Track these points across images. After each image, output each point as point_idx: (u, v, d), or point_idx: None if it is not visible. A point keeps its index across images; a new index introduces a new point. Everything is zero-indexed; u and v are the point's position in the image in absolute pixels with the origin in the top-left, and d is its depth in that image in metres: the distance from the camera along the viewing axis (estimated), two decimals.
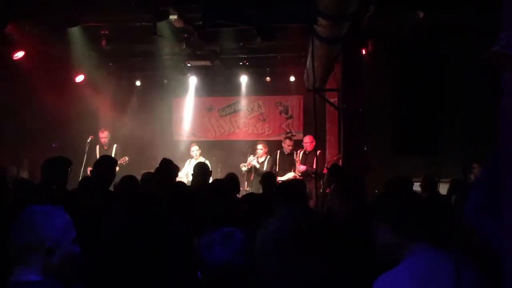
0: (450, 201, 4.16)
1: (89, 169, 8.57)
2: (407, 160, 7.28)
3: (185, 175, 8.63)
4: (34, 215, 1.69)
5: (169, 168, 4.92)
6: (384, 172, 7.74)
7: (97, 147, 9.01)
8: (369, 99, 6.97)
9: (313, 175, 7.94)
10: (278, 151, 8.84)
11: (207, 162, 8.75)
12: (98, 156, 8.67)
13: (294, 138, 11.06)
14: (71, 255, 1.71)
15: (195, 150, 9.08)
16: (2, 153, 8.58)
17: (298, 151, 8.55)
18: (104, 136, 9.02)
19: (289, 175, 8.35)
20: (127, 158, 8.46)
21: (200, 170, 5.24)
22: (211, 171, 5.50)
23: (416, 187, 5.90)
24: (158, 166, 4.94)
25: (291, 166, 8.54)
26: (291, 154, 8.66)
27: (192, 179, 5.27)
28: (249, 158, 8.84)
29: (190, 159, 9.05)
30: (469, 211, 1.74)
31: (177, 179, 5.64)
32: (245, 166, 8.78)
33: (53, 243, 1.66)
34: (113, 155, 8.43)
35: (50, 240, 1.65)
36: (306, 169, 8.18)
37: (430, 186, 5.47)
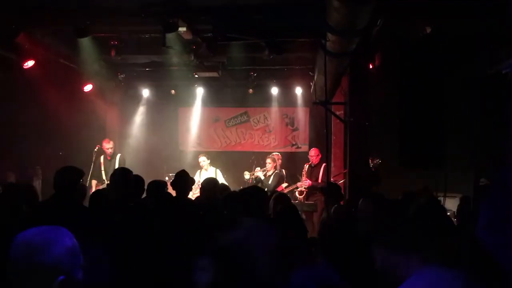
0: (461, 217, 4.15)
1: (94, 182, 8.60)
2: (412, 172, 7.32)
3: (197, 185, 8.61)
4: (41, 238, 1.55)
5: (184, 179, 4.94)
6: (390, 185, 7.75)
7: (102, 157, 8.96)
8: (375, 112, 7.00)
9: (319, 190, 7.94)
10: (308, 164, 8.69)
11: (218, 171, 8.79)
12: (102, 166, 8.77)
13: (299, 150, 11.13)
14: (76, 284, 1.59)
15: (203, 161, 9.03)
16: (10, 160, 8.64)
17: (304, 165, 8.52)
18: (109, 146, 8.95)
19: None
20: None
21: (209, 187, 5.23)
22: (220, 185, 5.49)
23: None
24: (174, 176, 4.99)
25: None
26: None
27: (201, 194, 5.27)
28: (256, 170, 8.79)
29: (199, 170, 9.01)
30: (480, 230, 1.71)
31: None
32: (248, 174, 8.71)
33: (65, 274, 1.54)
34: (116, 165, 8.48)
35: (63, 272, 1.53)
36: (312, 184, 8.16)
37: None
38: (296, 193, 8.28)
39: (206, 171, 8.86)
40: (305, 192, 8.15)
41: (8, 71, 8.40)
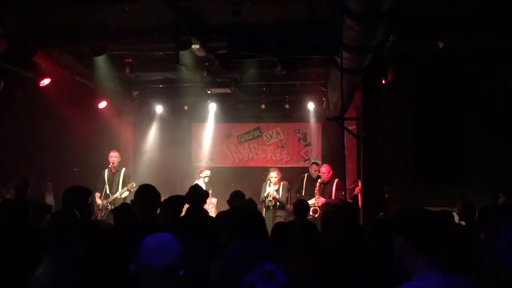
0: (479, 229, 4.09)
1: (97, 194, 8.31)
2: (427, 188, 7.26)
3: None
4: (164, 242, 1.92)
5: (198, 192, 4.98)
6: (403, 201, 7.70)
7: (106, 171, 8.53)
8: (388, 127, 6.99)
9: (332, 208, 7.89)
10: (306, 175, 8.77)
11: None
12: (106, 180, 8.44)
13: None
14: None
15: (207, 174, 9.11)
16: (27, 175, 8.74)
17: (317, 182, 8.46)
18: (114, 155, 8.56)
19: (312, 201, 8.28)
20: (134, 184, 8.15)
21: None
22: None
23: None
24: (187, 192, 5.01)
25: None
26: (317, 179, 8.60)
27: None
28: (266, 188, 8.76)
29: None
30: (500, 250, 1.71)
31: None
32: (271, 201, 8.51)
33: (184, 270, 1.91)
34: (121, 179, 8.40)
35: (182, 267, 1.90)
36: (326, 201, 8.12)
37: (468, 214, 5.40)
38: (310, 211, 8.24)
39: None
40: (319, 210, 8.10)
41: (25, 89, 8.57)
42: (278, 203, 8.47)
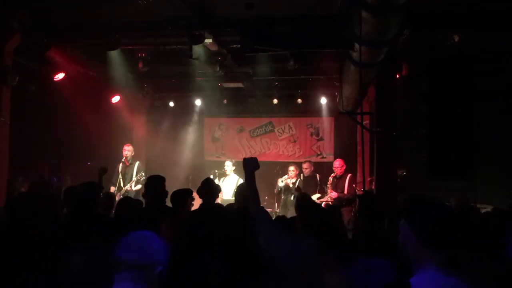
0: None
1: (112, 189, 8.32)
2: (440, 184, 7.21)
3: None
4: (143, 239, 1.91)
5: (210, 186, 4.96)
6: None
7: (120, 164, 8.55)
8: (401, 122, 6.93)
9: (346, 201, 7.88)
10: (301, 175, 8.73)
11: (240, 180, 8.76)
12: (120, 173, 8.47)
13: (325, 160, 11.06)
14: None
15: (227, 165, 8.97)
16: (41, 169, 8.82)
17: (329, 177, 8.42)
18: (128, 149, 8.59)
19: (314, 197, 8.24)
20: (143, 174, 8.20)
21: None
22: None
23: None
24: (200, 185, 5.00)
25: (315, 188, 8.44)
26: (313, 176, 8.57)
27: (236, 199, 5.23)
28: (283, 177, 8.74)
29: (223, 177, 9.00)
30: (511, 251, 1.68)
31: None
32: (282, 181, 8.60)
33: (163, 267, 1.89)
34: (134, 172, 8.40)
35: (162, 264, 1.88)
36: (338, 196, 8.09)
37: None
38: (322, 205, 8.22)
39: (228, 176, 8.83)
40: (331, 204, 8.07)
41: (39, 84, 8.64)
42: (292, 195, 8.36)
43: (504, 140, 8.80)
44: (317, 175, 8.70)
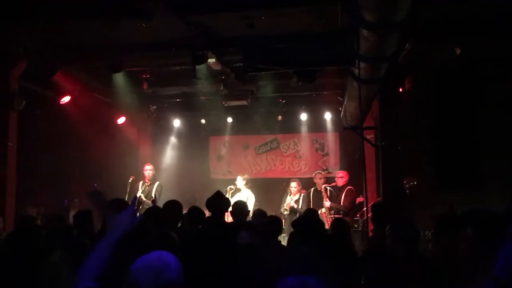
0: None
1: None
2: (447, 195, 7.17)
3: None
4: (161, 262, 1.82)
5: (220, 200, 4.95)
6: (423, 208, 7.60)
7: (140, 183, 8.72)
8: (406, 136, 6.93)
9: (340, 212, 7.92)
10: (312, 189, 8.74)
11: (251, 195, 8.76)
12: (140, 192, 8.48)
13: (331, 175, 11.03)
14: None
15: (239, 180, 9.00)
16: (48, 194, 8.87)
17: (327, 186, 8.47)
18: (149, 169, 8.75)
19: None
20: (154, 197, 8.23)
21: (239, 210, 5.18)
22: (248, 210, 5.41)
23: None
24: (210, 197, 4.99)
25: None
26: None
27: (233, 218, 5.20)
28: (286, 200, 8.75)
29: (237, 193, 8.99)
30: (501, 270, 1.66)
31: None
32: (286, 210, 8.60)
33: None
34: (153, 192, 8.49)
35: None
36: (331, 205, 8.10)
37: None
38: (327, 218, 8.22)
39: (239, 191, 8.85)
40: (323, 214, 8.12)
41: (46, 108, 8.73)
42: (297, 213, 8.40)
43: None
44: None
